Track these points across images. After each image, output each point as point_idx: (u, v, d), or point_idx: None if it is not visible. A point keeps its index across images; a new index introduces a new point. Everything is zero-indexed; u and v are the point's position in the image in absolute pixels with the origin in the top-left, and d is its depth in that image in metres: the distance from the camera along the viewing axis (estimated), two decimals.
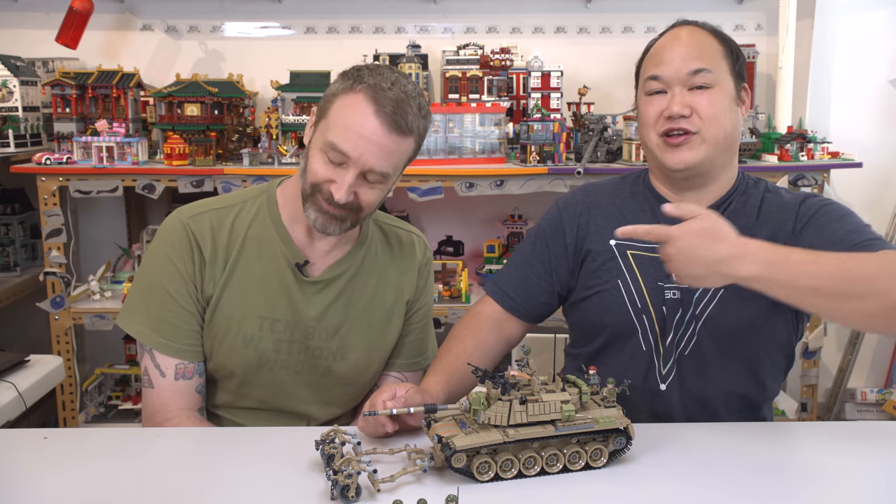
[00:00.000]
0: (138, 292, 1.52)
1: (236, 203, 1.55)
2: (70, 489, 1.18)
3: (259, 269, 1.51)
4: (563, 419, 1.20)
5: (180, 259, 1.48)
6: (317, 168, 1.42)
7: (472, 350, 1.56)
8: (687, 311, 1.50)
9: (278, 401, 1.55)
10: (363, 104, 1.38)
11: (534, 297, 1.63)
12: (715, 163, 1.51)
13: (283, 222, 1.53)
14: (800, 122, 3.01)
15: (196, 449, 1.37)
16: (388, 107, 1.38)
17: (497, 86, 2.99)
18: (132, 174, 2.66)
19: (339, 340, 1.55)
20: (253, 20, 3.21)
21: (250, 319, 1.50)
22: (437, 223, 3.25)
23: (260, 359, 1.52)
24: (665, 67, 1.49)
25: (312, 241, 1.54)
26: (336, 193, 1.40)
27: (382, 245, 1.63)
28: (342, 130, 1.39)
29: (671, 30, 1.56)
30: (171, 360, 1.49)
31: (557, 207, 1.66)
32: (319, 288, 1.53)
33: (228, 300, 1.50)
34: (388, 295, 1.61)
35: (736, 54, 1.53)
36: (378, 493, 1.15)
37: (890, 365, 3.32)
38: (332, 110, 1.42)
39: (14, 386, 1.74)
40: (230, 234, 1.51)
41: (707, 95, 1.47)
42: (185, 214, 1.52)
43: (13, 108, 2.84)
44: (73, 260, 2.81)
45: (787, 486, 1.21)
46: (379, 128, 1.38)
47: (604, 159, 2.76)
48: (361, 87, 1.40)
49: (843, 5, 3.17)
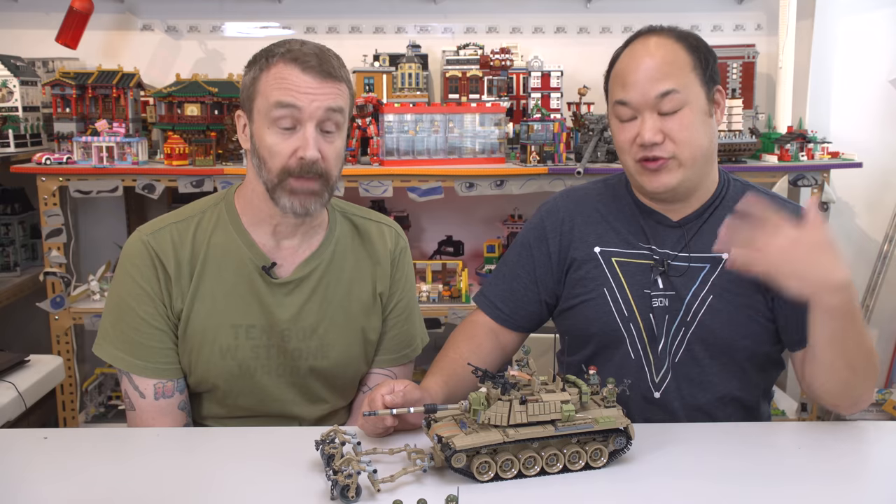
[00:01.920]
0: (109, 316, 1.51)
1: (195, 214, 1.53)
2: (70, 489, 1.18)
3: (226, 277, 1.49)
4: (563, 419, 1.20)
5: (144, 279, 1.47)
6: (276, 145, 1.41)
7: (470, 355, 1.55)
8: (675, 318, 1.49)
9: (266, 406, 1.54)
10: (289, 69, 1.40)
11: (522, 308, 1.62)
12: (693, 179, 1.49)
13: (245, 227, 1.51)
14: (800, 122, 3.01)
15: (196, 449, 1.37)
16: (312, 60, 1.40)
17: (497, 86, 2.99)
18: (132, 174, 2.66)
19: (318, 339, 1.54)
20: (253, 20, 3.21)
21: (224, 329, 1.49)
22: (437, 223, 3.25)
23: (240, 367, 1.50)
24: (631, 92, 1.44)
25: (278, 241, 1.52)
26: (305, 152, 1.40)
27: (352, 237, 1.60)
28: (282, 92, 1.39)
29: (636, 41, 1.50)
30: (149, 381, 1.48)
31: (540, 216, 1.65)
32: (290, 288, 1.51)
33: (199, 313, 1.48)
34: (364, 289, 1.58)
35: (706, 59, 1.47)
36: (378, 493, 1.15)
37: (890, 365, 3.32)
38: (261, 88, 1.42)
39: (14, 386, 1.74)
40: (192, 246, 1.49)
41: (678, 119, 1.43)
42: (144, 233, 1.50)
43: (13, 108, 2.84)
44: (73, 260, 2.81)
45: (788, 486, 1.21)
46: (313, 79, 1.40)
47: (604, 159, 2.76)
48: (276, 59, 1.42)
49: (843, 5, 3.17)
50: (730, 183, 1.57)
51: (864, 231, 3.27)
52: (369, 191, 2.67)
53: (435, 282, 2.83)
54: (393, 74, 2.95)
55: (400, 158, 2.72)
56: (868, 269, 3.14)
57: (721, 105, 1.51)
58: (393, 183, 2.67)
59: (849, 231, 3.23)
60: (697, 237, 1.52)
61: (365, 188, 2.66)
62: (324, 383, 1.57)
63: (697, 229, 1.52)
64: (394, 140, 2.72)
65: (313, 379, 1.56)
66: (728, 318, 1.48)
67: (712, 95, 1.48)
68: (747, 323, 1.48)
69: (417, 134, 2.73)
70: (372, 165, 2.71)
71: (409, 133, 2.72)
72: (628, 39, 1.52)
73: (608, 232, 1.57)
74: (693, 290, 1.49)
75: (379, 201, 3.03)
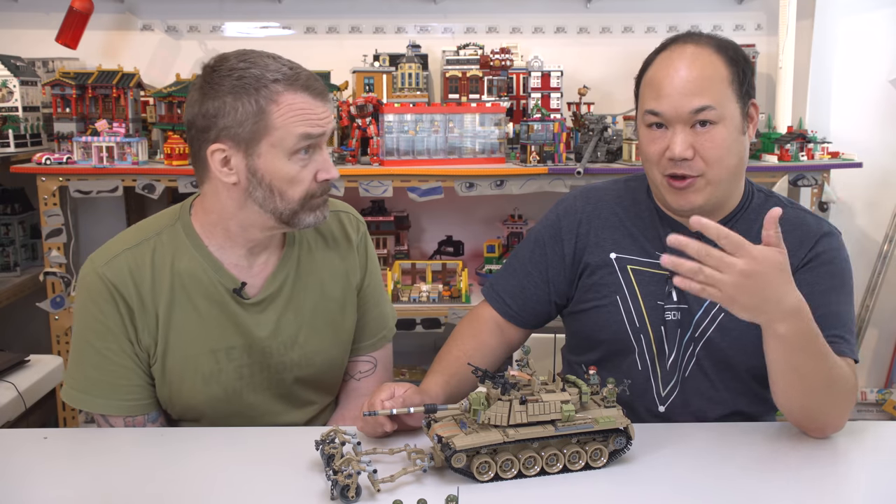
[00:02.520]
0: (73, 355, 1.46)
1: (149, 237, 1.45)
2: (70, 489, 1.18)
3: (198, 303, 1.43)
4: (563, 419, 1.20)
5: (105, 314, 1.40)
6: (300, 175, 1.37)
7: (473, 352, 1.54)
8: (686, 332, 1.48)
9: (254, 422, 1.50)
10: (300, 97, 1.35)
11: (531, 306, 1.60)
12: (720, 196, 1.45)
13: (211, 252, 1.45)
14: (800, 122, 3.00)
15: (196, 449, 1.37)
16: (314, 83, 1.39)
17: (497, 86, 2.99)
18: (132, 174, 2.66)
19: (300, 349, 1.51)
20: (253, 20, 3.21)
21: (204, 356, 1.44)
22: (437, 223, 3.25)
23: (225, 391, 1.46)
24: (664, 103, 1.39)
25: (251, 261, 1.47)
26: (330, 174, 1.40)
27: (314, 237, 1.56)
28: (307, 124, 1.35)
29: (672, 47, 1.43)
30: (118, 418, 1.44)
31: (557, 214, 1.61)
32: (264, 306, 1.47)
33: (175, 345, 1.43)
34: (336, 287, 1.55)
35: (743, 73, 1.41)
36: (378, 493, 1.15)
37: (890, 365, 3.32)
38: (275, 121, 1.33)
39: (14, 386, 1.74)
40: (152, 273, 1.42)
41: (710, 135, 1.38)
42: (97, 264, 1.41)
43: (13, 108, 2.84)
44: (73, 260, 2.81)
45: (788, 486, 1.21)
46: (322, 103, 1.39)
47: (604, 159, 2.75)
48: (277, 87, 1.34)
49: (843, 5, 3.17)
50: (754, 195, 1.52)
51: (864, 231, 3.27)
52: (369, 191, 2.67)
53: (435, 282, 2.83)
54: (393, 74, 2.95)
55: (400, 158, 2.72)
56: (868, 269, 3.14)
57: (755, 119, 1.46)
58: (393, 183, 2.67)
59: (849, 231, 3.23)
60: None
61: (365, 188, 2.66)
62: (310, 388, 1.56)
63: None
64: (394, 140, 2.71)
65: (299, 387, 1.54)
66: (738, 337, 1.45)
67: (747, 110, 1.43)
68: (755, 342, 1.42)
69: (417, 134, 2.72)
70: (372, 165, 2.70)
71: (409, 133, 2.72)
72: (664, 43, 1.45)
73: (625, 238, 1.53)
74: (705, 307, 1.47)
75: (379, 201, 3.03)
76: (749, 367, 1.47)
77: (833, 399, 1.33)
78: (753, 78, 1.45)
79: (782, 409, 1.38)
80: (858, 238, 3.23)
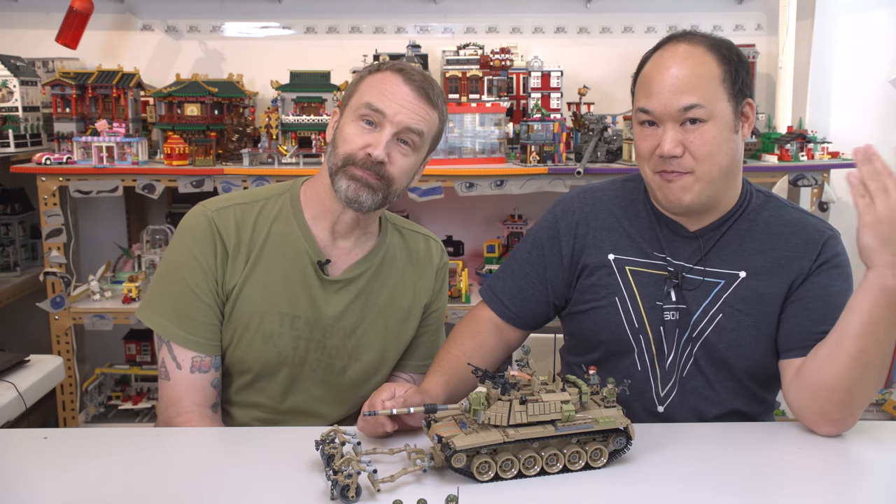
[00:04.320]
0: (158, 284, 1.53)
1: (259, 199, 1.57)
2: (70, 489, 1.18)
3: (281, 265, 1.52)
4: (563, 419, 1.20)
5: (202, 253, 1.49)
6: (352, 136, 1.46)
7: (472, 352, 1.54)
8: (684, 333, 1.48)
9: (289, 399, 1.56)
10: (393, 77, 1.48)
11: (529, 308, 1.61)
12: (712, 195, 1.45)
13: (307, 220, 1.55)
14: (800, 122, 3.01)
15: (196, 449, 1.37)
16: (417, 78, 1.48)
17: (497, 86, 2.98)
18: (132, 174, 2.66)
19: (356, 340, 1.57)
20: (253, 20, 3.21)
21: (272, 315, 1.51)
22: (437, 223, 3.25)
23: (279, 356, 1.53)
24: (654, 101, 1.40)
25: (334, 239, 1.55)
26: (374, 150, 1.44)
27: (401, 248, 1.65)
28: (377, 94, 1.46)
29: (665, 46, 1.44)
30: (189, 353, 1.49)
31: (554, 215, 1.61)
32: (339, 287, 1.55)
33: (250, 295, 1.51)
34: (406, 297, 1.62)
35: (736, 71, 1.41)
36: (378, 493, 1.15)
37: (890, 365, 3.32)
38: (362, 87, 1.49)
39: (14, 386, 1.74)
40: (253, 229, 1.53)
41: (700, 133, 1.38)
42: (209, 208, 1.53)
43: (13, 108, 2.84)
44: (73, 260, 2.81)
45: (788, 486, 1.21)
46: (410, 93, 1.47)
47: (604, 159, 2.76)
48: (387, 68, 1.49)
49: (843, 5, 3.17)
50: (752, 195, 1.52)
51: None
52: None
53: None
54: None
55: None
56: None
57: (750, 118, 1.46)
58: None
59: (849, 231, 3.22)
60: (714, 250, 1.48)
61: None
62: (351, 386, 1.59)
63: (715, 242, 1.49)
64: None
65: (343, 379, 1.58)
66: (735, 338, 1.45)
67: (740, 109, 1.43)
68: (752, 343, 1.45)
69: None
70: None
71: None
72: (659, 43, 1.46)
73: (623, 238, 1.54)
74: (704, 307, 1.47)
75: None
76: (746, 367, 1.47)
77: (870, 388, 1.34)
78: (749, 77, 1.45)
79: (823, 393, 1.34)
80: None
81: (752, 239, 1.49)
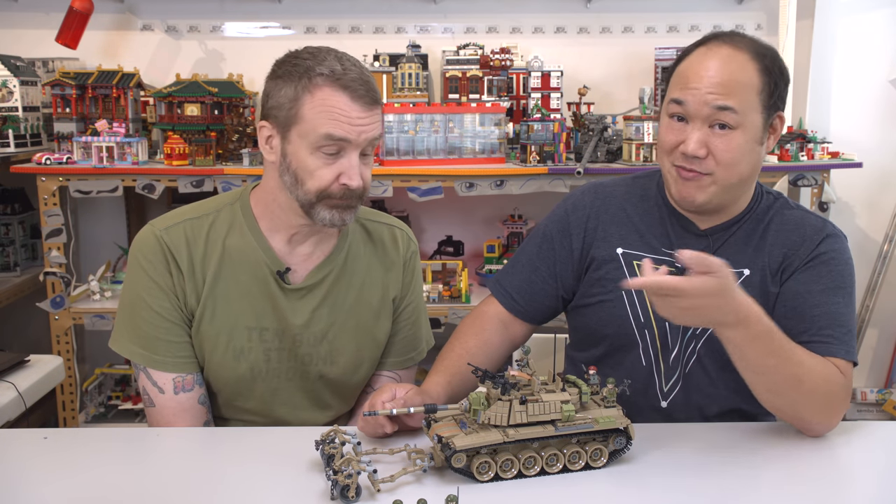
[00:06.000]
0: (123, 311, 1.50)
1: (210, 212, 1.51)
2: (70, 489, 1.18)
3: (242, 279, 1.48)
4: (563, 419, 1.20)
5: (157, 273, 1.46)
6: (319, 170, 1.39)
7: (476, 350, 1.54)
8: (688, 328, 1.48)
9: (271, 410, 1.54)
10: (339, 97, 1.37)
11: (538, 301, 1.61)
12: (725, 199, 1.46)
13: (262, 231, 1.50)
14: (800, 122, 3.01)
15: (196, 449, 1.37)
16: (359, 88, 1.38)
17: (497, 86, 2.99)
18: (132, 174, 2.66)
19: (328, 345, 1.53)
20: (253, 20, 3.21)
21: (239, 331, 1.48)
22: (437, 223, 3.25)
23: (252, 370, 1.50)
24: (689, 95, 1.39)
25: (293, 247, 1.51)
26: (351, 182, 1.39)
27: (364, 242, 1.60)
28: (331, 122, 1.36)
29: (709, 44, 1.43)
30: (168, 376, 1.47)
31: (565, 209, 1.62)
32: (303, 294, 1.51)
33: (214, 314, 1.47)
34: (374, 294, 1.58)
35: (775, 84, 1.41)
36: (378, 493, 1.15)
37: (890, 365, 3.32)
38: (306, 111, 1.37)
39: (14, 386, 1.74)
40: (206, 245, 1.48)
41: (727, 139, 1.38)
42: (157, 227, 1.48)
43: (13, 108, 2.84)
44: (73, 260, 2.81)
45: (788, 486, 1.21)
46: (362, 108, 1.38)
47: (604, 159, 2.76)
48: (320, 81, 1.37)
49: (843, 5, 3.17)
50: (762, 197, 1.53)
51: (864, 231, 3.27)
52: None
53: (435, 282, 2.83)
54: (393, 74, 2.95)
55: (400, 158, 2.72)
56: (868, 269, 3.14)
57: (777, 131, 1.46)
58: (393, 183, 2.67)
59: (849, 231, 3.22)
60: (722, 249, 1.49)
61: None
62: (331, 389, 1.57)
63: (724, 242, 1.50)
64: (394, 140, 2.72)
65: (322, 385, 1.56)
66: None
67: (770, 122, 1.43)
68: None
69: (417, 134, 2.73)
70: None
71: (409, 133, 2.72)
72: (702, 39, 1.45)
73: (632, 233, 1.54)
74: None
75: (379, 201, 3.03)
76: None
77: (805, 398, 1.33)
78: (786, 90, 1.45)
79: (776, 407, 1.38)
80: (858, 238, 3.23)
81: (757, 238, 1.50)
